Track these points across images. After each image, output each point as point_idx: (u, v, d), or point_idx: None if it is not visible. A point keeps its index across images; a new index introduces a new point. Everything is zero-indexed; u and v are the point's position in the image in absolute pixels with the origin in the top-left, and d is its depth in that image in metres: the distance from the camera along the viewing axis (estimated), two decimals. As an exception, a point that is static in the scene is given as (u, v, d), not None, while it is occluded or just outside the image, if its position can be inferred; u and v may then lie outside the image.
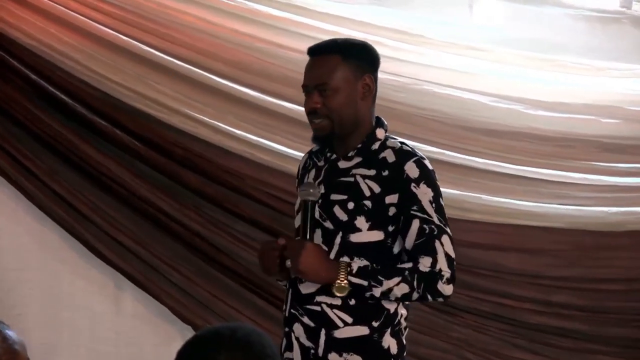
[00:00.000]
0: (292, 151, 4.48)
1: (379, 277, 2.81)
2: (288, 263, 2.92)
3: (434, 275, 2.81)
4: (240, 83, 4.55)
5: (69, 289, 4.57)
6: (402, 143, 2.98)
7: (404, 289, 2.81)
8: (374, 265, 2.84)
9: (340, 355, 2.89)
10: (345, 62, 2.92)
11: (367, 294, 2.82)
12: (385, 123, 3.04)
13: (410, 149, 2.95)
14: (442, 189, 4.42)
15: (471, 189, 4.72)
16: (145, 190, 4.53)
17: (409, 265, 2.83)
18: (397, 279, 2.80)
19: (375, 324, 2.90)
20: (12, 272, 4.50)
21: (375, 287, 2.80)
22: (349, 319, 2.89)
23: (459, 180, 4.69)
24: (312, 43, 4.39)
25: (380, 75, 4.55)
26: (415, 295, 2.82)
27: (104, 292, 4.61)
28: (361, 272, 2.82)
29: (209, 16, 4.51)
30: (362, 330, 2.89)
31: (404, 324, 3.00)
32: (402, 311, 2.98)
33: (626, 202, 4.87)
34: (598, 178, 4.84)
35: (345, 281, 2.80)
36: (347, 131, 2.94)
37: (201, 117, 4.52)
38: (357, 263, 2.83)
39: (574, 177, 4.82)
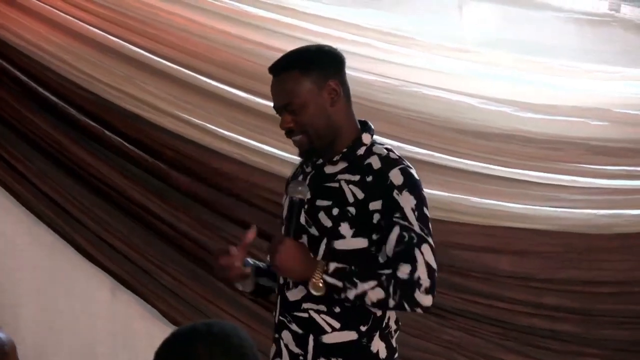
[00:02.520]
0: (282, 153, 4.48)
1: (354, 279, 2.75)
2: (268, 259, 2.89)
3: (412, 283, 2.74)
4: (230, 84, 4.55)
5: (64, 290, 4.58)
6: (388, 150, 2.93)
7: (379, 294, 2.74)
8: (352, 267, 2.79)
9: None
10: (305, 75, 2.86)
11: (342, 296, 2.77)
12: (372, 127, 3.00)
13: (397, 157, 2.91)
14: (431, 191, 4.45)
15: (460, 191, 4.71)
16: (135, 192, 4.54)
17: (388, 271, 2.76)
18: (372, 283, 2.74)
19: (363, 329, 2.87)
20: (6, 272, 4.51)
21: (350, 289, 2.75)
22: (337, 324, 2.87)
23: (448, 182, 4.69)
24: (301, 44, 4.36)
25: (369, 76, 4.57)
26: (391, 303, 2.75)
27: (100, 292, 4.61)
28: (337, 273, 2.76)
29: (199, 18, 4.52)
30: (351, 335, 2.87)
31: (393, 326, 2.97)
32: (391, 314, 2.94)
33: (615, 205, 4.87)
34: (587, 180, 4.84)
35: (321, 280, 2.76)
36: (327, 140, 2.90)
37: (191, 118, 4.53)
38: (335, 264, 2.78)
39: (563, 180, 4.82)
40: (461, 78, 4.72)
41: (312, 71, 2.88)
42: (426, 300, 2.76)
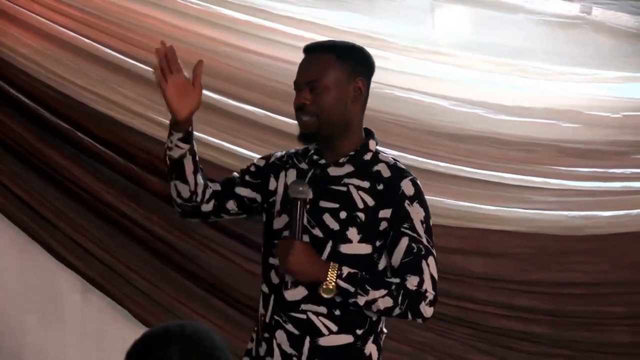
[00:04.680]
0: (256, 155, 4.44)
1: (366, 286, 2.79)
2: (276, 261, 2.90)
3: (419, 295, 2.80)
4: (205, 87, 4.46)
5: (35, 292, 4.57)
6: (395, 160, 2.99)
7: (387, 302, 2.79)
8: (364, 273, 2.82)
9: None
10: (339, 62, 2.90)
11: (351, 301, 2.80)
12: (376, 135, 3.03)
13: (404, 167, 2.97)
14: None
15: (433, 193, 4.69)
16: (109, 195, 4.53)
17: (397, 280, 2.81)
18: (383, 292, 2.79)
19: (359, 332, 2.91)
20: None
21: (361, 295, 2.78)
22: (335, 327, 2.89)
23: (421, 184, 4.68)
24: (276, 47, 4.43)
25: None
26: (397, 311, 2.81)
27: (71, 294, 4.61)
28: (350, 278, 2.80)
29: (173, 20, 4.51)
30: (347, 339, 2.90)
31: (384, 330, 3.03)
32: (383, 318, 3.00)
33: (586, 206, 4.89)
34: (559, 182, 4.86)
35: (334, 283, 2.79)
36: (334, 133, 2.92)
37: (165, 120, 4.48)
38: (348, 269, 2.81)
39: (535, 182, 4.84)
40: (434, 80, 4.72)
41: (348, 62, 2.92)
42: (429, 311, 2.85)
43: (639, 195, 4.95)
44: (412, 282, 2.80)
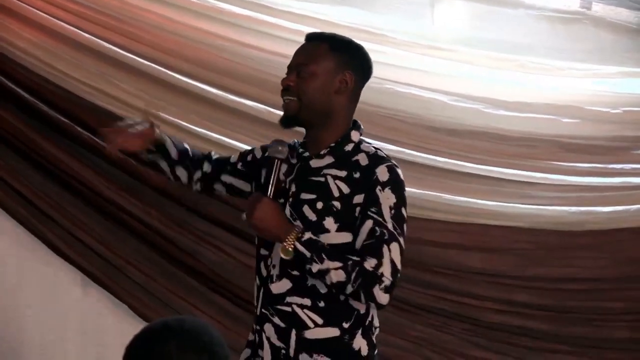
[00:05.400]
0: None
1: (323, 254, 2.79)
2: (243, 216, 2.91)
3: (375, 277, 2.78)
4: (204, 81, 4.54)
5: (34, 286, 4.55)
6: (376, 149, 2.99)
7: (340, 276, 2.78)
8: (326, 244, 2.83)
9: (311, 356, 2.90)
10: (331, 53, 2.95)
11: (307, 267, 2.81)
12: (362, 127, 3.04)
13: (385, 155, 2.96)
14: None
15: (433, 188, 4.73)
16: (108, 189, 4.52)
17: (356, 259, 2.81)
18: (338, 264, 2.78)
19: (346, 325, 2.90)
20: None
21: (316, 262, 2.79)
22: (320, 320, 2.89)
23: (420, 179, 4.70)
24: (275, 42, 4.43)
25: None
26: (349, 289, 2.79)
27: (70, 289, 4.59)
28: (309, 243, 2.81)
29: (173, 14, 4.50)
30: (333, 332, 2.90)
31: (375, 324, 3.01)
32: (373, 311, 2.98)
33: (586, 202, 4.90)
34: (559, 178, 4.87)
35: (292, 245, 2.80)
36: (314, 120, 2.95)
37: (164, 115, 4.51)
38: (310, 234, 2.82)
39: (535, 177, 4.85)
40: (434, 75, 4.73)
41: (340, 54, 2.97)
42: (383, 298, 2.81)
43: (639, 190, 4.95)
44: (370, 263, 2.79)
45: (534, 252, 4.90)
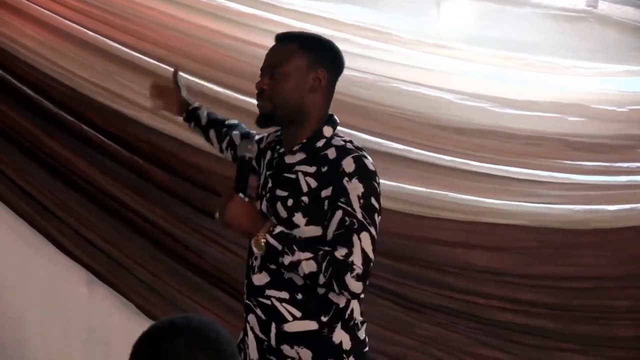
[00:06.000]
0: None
1: (294, 246, 2.81)
2: (216, 215, 2.93)
3: (345, 265, 2.78)
4: (209, 80, 4.54)
5: (40, 284, 4.57)
6: (346, 141, 2.98)
7: (311, 267, 2.79)
8: (297, 237, 2.85)
9: (292, 348, 2.93)
10: (301, 51, 2.96)
11: (280, 260, 2.83)
12: (337, 121, 3.05)
13: (353, 147, 2.95)
14: (409, 187, 4.45)
15: (438, 187, 4.72)
16: (112, 187, 4.53)
17: (327, 249, 2.82)
18: (308, 255, 2.80)
19: (324, 319, 2.92)
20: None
21: (287, 254, 2.81)
22: (298, 314, 2.92)
23: (426, 178, 4.70)
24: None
25: (348, 72, 4.56)
26: (321, 279, 2.80)
27: (76, 286, 4.60)
28: (280, 236, 2.84)
29: (178, 13, 4.51)
30: (311, 325, 2.92)
31: (359, 318, 3.01)
32: (354, 305, 2.99)
33: (592, 200, 4.89)
34: (565, 176, 4.86)
35: (264, 239, 2.83)
36: (289, 118, 2.97)
37: (168, 114, 4.50)
38: (282, 228, 2.86)
39: (541, 175, 4.84)
40: (440, 74, 4.72)
41: (310, 52, 2.98)
42: (355, 286, 2.80)
43: (645, 189, 4.95)
44: (340, 252, 2.79)
45: (540, 250, 4.89)
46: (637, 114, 4.92)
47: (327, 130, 2.99)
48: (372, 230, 2.84)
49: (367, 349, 3.03)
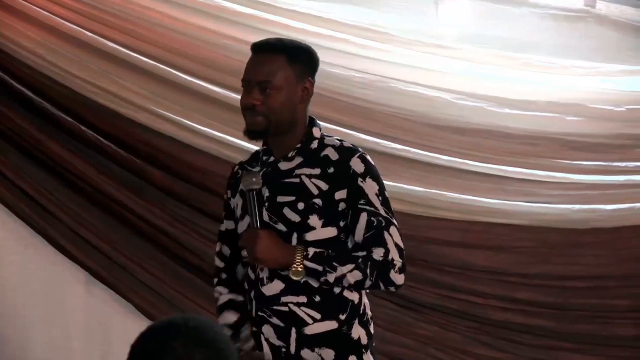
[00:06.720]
0: (258, 148, 4.47)
1: (333, 263, 2.83)
2: (244, 253, 2.95)
3: (387, 264, 2.85)
4: (207, 80, 4.55)
5: (39, 285, 4.56)
6: (340, 141, 3.01)
7: (357, 276, 2.84)
8: (330, 252, 2.86)
9: (313, 351, 2.92)
10: (290, 64, 2.92)
11: (322, 280, 2.85)
12: (319, 123, 3.05)
13: (351, 146, 2.98)
14: (407, 187, 4.45)
15: (437, 187, 4.73)
16: (111, 187, 4.53)
17: (363, 254, 2.86)
18: (350, 266, 2.83)
19: (342, 317, 2.93)
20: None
21: (330, 272, 2.83)
22: (318, 316, 2.91)
23: (425, 177, 4.71)
24: (280, 40, 4.41)
25: (346, 72, 4.58)
26: (368, 283, 2.86)
27: (75, 287, 4.60)
28: (316, 258, 2.84)
29: (176, 13, 4.51)
30: (332, 325, 2.92)
31: (370, 313, 3.04)
32: (366, 301, 3.02)
33: (590, 200, 4.89)
34: (563, 176, 4.86)
35: (302, 266, 2.83)
36: (282, 131, 2.94)
37: (167, 114, 4.52)
38: (314, 249, 2.86)
39: (539, 175, 4.85)
40: (438, 74, 4.73)
41: (297, 64, 2.94)
42: (400, 279, 2.90)
43: (643, 188, 4.95)
44: (378, 253, 2.85)
45: (538, 250, 4.90)
46: (636, 113, 4.93)
47: (316, 132, 3.00)
48: (395, 222, 2.92)
49: (374, 343, 3.06)
